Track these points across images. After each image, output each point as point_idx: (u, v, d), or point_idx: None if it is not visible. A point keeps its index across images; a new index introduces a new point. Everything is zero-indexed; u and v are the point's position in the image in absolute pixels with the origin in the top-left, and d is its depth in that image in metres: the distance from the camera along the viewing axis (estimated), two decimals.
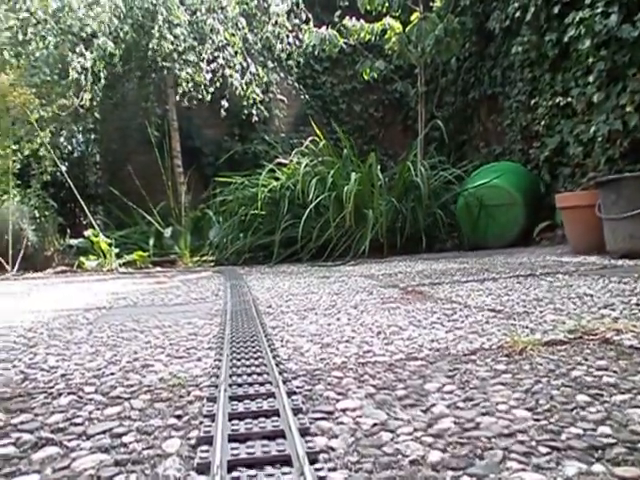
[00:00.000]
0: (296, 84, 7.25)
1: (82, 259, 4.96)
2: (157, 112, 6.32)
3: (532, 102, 5.12)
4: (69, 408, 0.97)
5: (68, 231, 5.58)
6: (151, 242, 5.40)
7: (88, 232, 5.10)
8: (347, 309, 2.04)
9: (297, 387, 1.01)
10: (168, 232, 5.64)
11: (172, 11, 5.63)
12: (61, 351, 1.49)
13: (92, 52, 5.33)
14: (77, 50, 5.32)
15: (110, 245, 5.07)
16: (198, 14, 5.80)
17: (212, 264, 5.07)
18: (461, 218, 5.31)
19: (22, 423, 0.91)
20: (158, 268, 5.01)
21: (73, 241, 5.35)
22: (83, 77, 5.31)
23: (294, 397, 0.91)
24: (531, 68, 5.05)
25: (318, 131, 5.22)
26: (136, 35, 5.72)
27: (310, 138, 5.30)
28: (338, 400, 0.94)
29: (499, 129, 6.21)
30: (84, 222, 6.14)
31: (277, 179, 5.13)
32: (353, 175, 4.68)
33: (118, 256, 5.11)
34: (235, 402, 0.88)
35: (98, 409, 0.95)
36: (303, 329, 1.66)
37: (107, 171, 7.00)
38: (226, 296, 2.58)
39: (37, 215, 5.33)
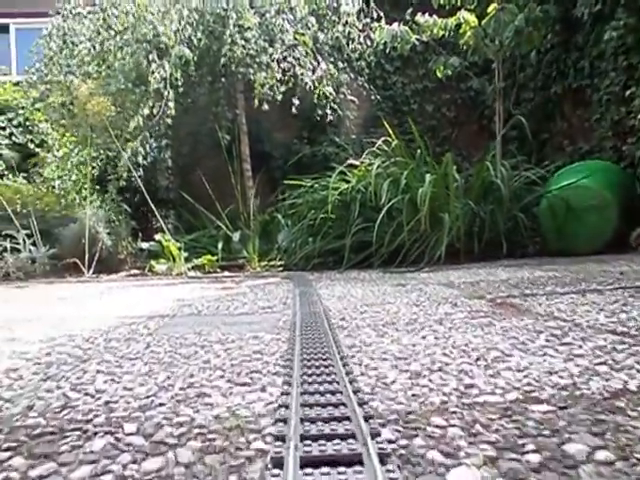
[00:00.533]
0: (366, 85, 6.99)
1: (152, 263, 4.93)
2: (227, 116, 6.25)
3: (627, 93, 4.60)
4: (101, 457, 0.76)
5: (140, 235, 5.60)
6: (219, 246, 5.31)
7: (158, 236, 5.08)
8: (431, 324, 1.76)
9: (389, 441, 0.76)
10: (237, 236, 5.54)
11: (242, 14, 5.54)
12: (113, 369, 1.31)
13: (169, 61, 5.32)
14: (150, 58, 5.33)
15: (180, 249, 5.02)
16: (267, 15, 5.67)
17: (280, 269, 4.91)
18: (544, 222, 4.86)
19: (41, 478, 0.71)
20: (226, 273, 4.90)
21: (144, 244, 5.36)
22: (162, 86, 5.30)
23: (389, 463, 0.65)
24: (626, 55, 4.53)
25: (390, 130, 4.94)
26: (208, 41, 5.68)
27: (382, 138, 5.02)
28: (447, 467, 0.68)
29: (586, 125, 5.67)
30: (156, 226, 6.17)
31: (347, 182, 4.90)
32: (428, 176, 4.36)
33: (187, 260, 5.05)
34: (309, 469, 0.64)
35: (135, 461, 0.74)
36: (384, 350, 1.40)
37: (178, 176, 7.03)
38: (295, 305, 2.37)
39: (112, 219, 5.38)
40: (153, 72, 5.02)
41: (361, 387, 1.03)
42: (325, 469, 0.64)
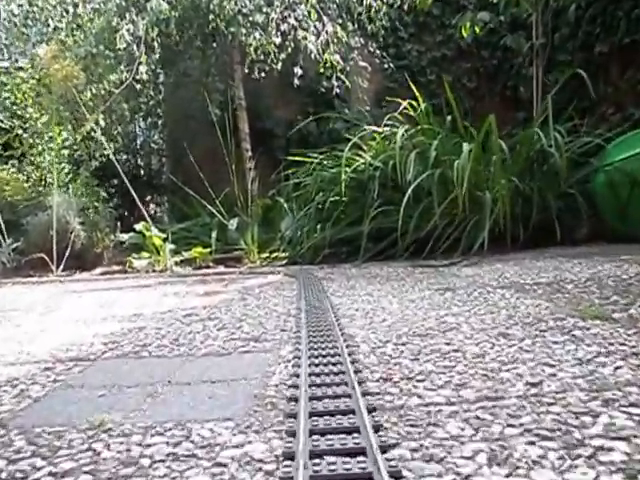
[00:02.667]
0: (378, 52, 5.89)
1: (131, 258, 3.95)
2: (219, 87, 5.19)
3: None
4: None
5: (119, 225, 4.58)
6: (214, 236, 4.31)
7: (139, 226, 4.08)
8: (591, 407, 0.78)
9: None
10: (233, 224, 4.53)
11: None
12: None
13: (144, 18, 4.29)
14: (127, 17, 4.30)
15: (165, 240, 4.03)
16: None
17: (284, 262, 3.92)
18: (602, 200, 3.84)
19: None
20: (220, 267, 3.92)
21: (124, 236, 4.35)
22: (135, 47, 4.28)
23: None
24: None
25: (417, 93, 3.91)
26: None
27: (407, 101, 3.97)
28: None
29: (638, 88, 4.60)
30: (149, 214, 5.13)
31: (363, 157, 3.88)
32: (465, 146, 3.33)
33: (176, 253, 4.07)
34: None
35: None
36: None
37: (171, 158, 5.99)
38: (300, 335, 1.38)
39: (87, 207, 4.39)
40: (121, 29, 3.97)
41: None
42: None
